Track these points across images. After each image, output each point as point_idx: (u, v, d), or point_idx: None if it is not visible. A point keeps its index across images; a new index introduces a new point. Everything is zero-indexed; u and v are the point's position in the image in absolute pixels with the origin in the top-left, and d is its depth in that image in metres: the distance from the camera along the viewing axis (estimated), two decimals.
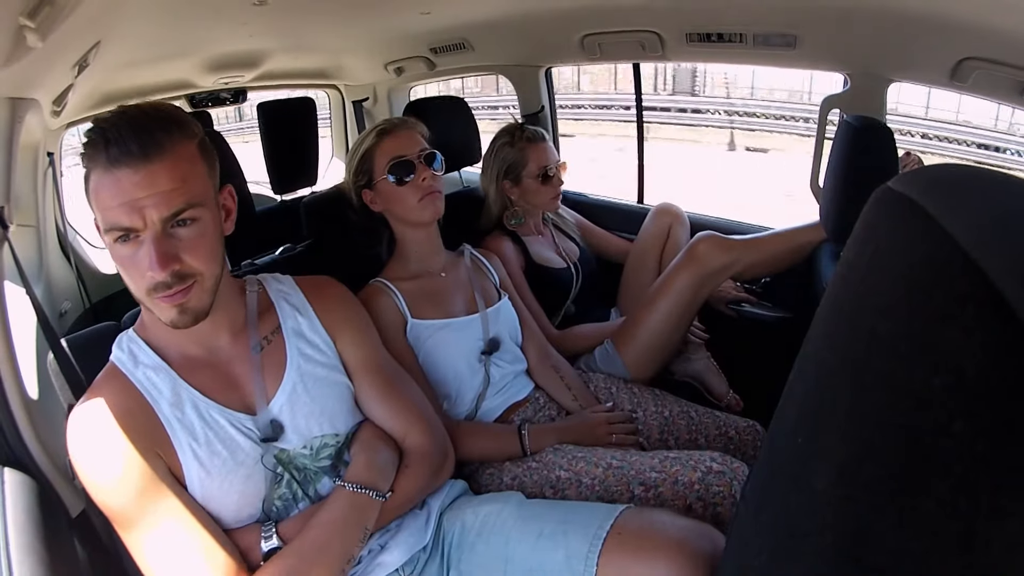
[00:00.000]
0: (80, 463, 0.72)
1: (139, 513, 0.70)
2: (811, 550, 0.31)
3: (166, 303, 0.71)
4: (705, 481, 0.94)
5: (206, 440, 0.76)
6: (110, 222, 0.67)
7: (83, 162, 0.68)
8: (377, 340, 0.95)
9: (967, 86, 1.19)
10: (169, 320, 0.72)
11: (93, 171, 0.67)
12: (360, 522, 0.78)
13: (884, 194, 0.32)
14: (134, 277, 0.70)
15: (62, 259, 1.71)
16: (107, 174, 0.65)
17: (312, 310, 0.89)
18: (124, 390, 0.75)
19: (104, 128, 0.66)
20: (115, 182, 0.65)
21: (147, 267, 0.67)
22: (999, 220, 0.27)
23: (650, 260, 1.64)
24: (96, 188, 0.67)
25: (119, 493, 0.70)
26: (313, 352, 0.86)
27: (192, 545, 0.71)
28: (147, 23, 1.30)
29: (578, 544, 0.78)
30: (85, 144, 0.67)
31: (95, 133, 0.66)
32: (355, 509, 0.78)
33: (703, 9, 1.45)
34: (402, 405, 0.90)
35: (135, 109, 0.69)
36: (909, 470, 0.25)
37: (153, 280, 0.69)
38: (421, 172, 1.17)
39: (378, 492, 0.80)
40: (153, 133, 0.66)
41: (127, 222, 0.66)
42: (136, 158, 0.65)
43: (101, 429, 0.72)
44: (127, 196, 0.65)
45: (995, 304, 0.22)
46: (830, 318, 0.35)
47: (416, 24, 1.83)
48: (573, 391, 1.28)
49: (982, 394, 0.22)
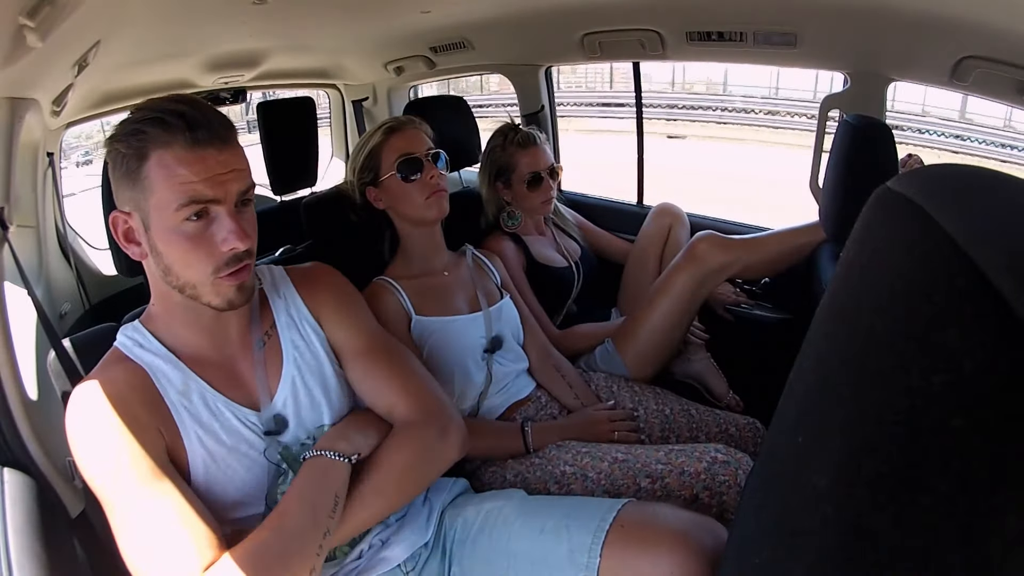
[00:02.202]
0: (75, 437, 0.70)
1: (128, 488, 0.68)
2: (812, 548, 0.31)
3: (230, 281, 0.73)
4: (711, 471, 0.95)
5: (211, 430, 0.76)
6: (191, 196, 0.70)
7: (136, 143, 0.70)
8: (364, 319, 0.92)
9: (967, 85, 1.20)
10: (227, 300, 0.74)
11: (164, 151, 0.69)
12: (324, 486, 0.74)
13: (883, 194, 0.32)
14: (199, 256, 0.72)
15: (62, 260, 1.71)
16: (190, 152, 0.70)
17: (300, 299, 0.89)
18: (130, 371, 0.75)
19: (181, 112, 0.69)
20: (200, 159, 0.70)
21: (223, 240, 0.71)
22: (997, 219, 0.27)
23: (650, 260, 1.64)
24: (170, 166, 0.70)
25: (113, 467, 0.68)
26: (304, 343, 0.86)
27: (169, 529, 0.67)
28: (147, 23, 1.30)
29: (581, 538, 0.78)
30: (149, 124, 0.69)
31: (169, 115, 0.69)
32: (316, 472, 0.75)
33: (704, 7, 1.45)
34: (386, 381, 0.87)
35: (201, 101, 0.74)
36: (908, 467, 0.25)
37: (229, 255, 0.72)
38: (429, 170, 1.18)
39: (337, 452, 0.76)
40: (227, 119, 0.73)
41: (211, 194, 0.70)
42: (220, 139, 0.71)
43: (101, 404, 0.70)
44: (212, 171, 0.70)
45: (994, 302, 0.22)
46: (830, 318, 0.35)
47: (416, 23, 1.83)
48: (575, 390, 1.28)
49: (981, 391, 0.23)
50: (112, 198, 0.76)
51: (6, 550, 0.75)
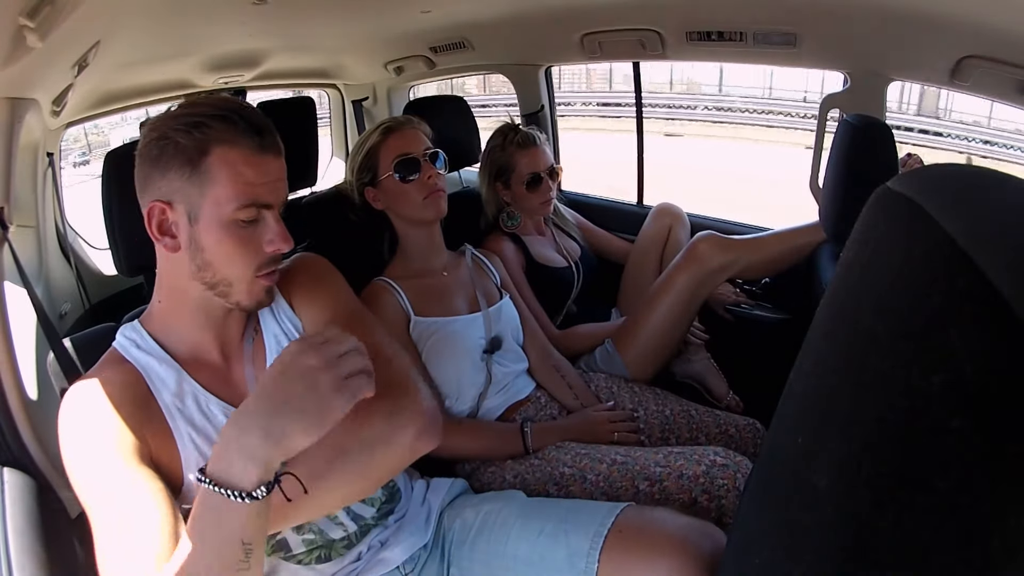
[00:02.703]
0: (63, 436, 0.68)
1: (103, 490, 0.65)
2: (812, 548, 0.31)
3: (267, 281, 0.77)
4: (710, 474, 0.95)
5: (204, 431, 0.76)
6: (252, 198, 0.72)
7: (200, 134, 0.70)
8: (334, 295, 0.87)
9: (968, 85, 1.19)
10: (256, 300, 0.77)
11: (231, 149, 0.71)
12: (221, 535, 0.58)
13: (883, 194, 0.32)
14: (245, 255, 0.74)
15: (62, 260, 1.71)
16: (257, 156, 0.73)
17: (279, 294, 0.86)
18: (125, 373, 0.75)
19: (247, 116, 0.72)
20: (264, 164, 0.74)
21: (270, 241, 0.75)
22: (997, 219, 0.27)
23: (650, 260, 1.64)
24: (235, 164, 0.71)
25: (92, 467, 0.66)
26: (285, 338, 0.84)
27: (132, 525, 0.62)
28: (147, 23, 1.30)
29: (579, 542, 0.78)
30: (215, 119, 0.71)
31: (237, 116, 0.71)
32: (209, 513, 0.58)
33: (704, 7, 1.45)
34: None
35: (252, 106, 0.78)
36: (909, 468, 0.25)
37: (275, 254, 0.76)
38: (427, 170, 1.18)
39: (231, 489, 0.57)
40: (276, 132, 0.77)
41: (268, 198, 0.74)
42: (278, 149, 0.76)
43: (92, 405, 0.69)
44: (271, 177, 0.74)
45: (993, 302, 0.22)
46: (829, 318, 0.35)
47: (416, 23, 1.83)
48: (574, 390, 1.28)
49: (981, 391, 0.23)
50: (113, 196, 0.75)
51: (6, 550, 0.75)
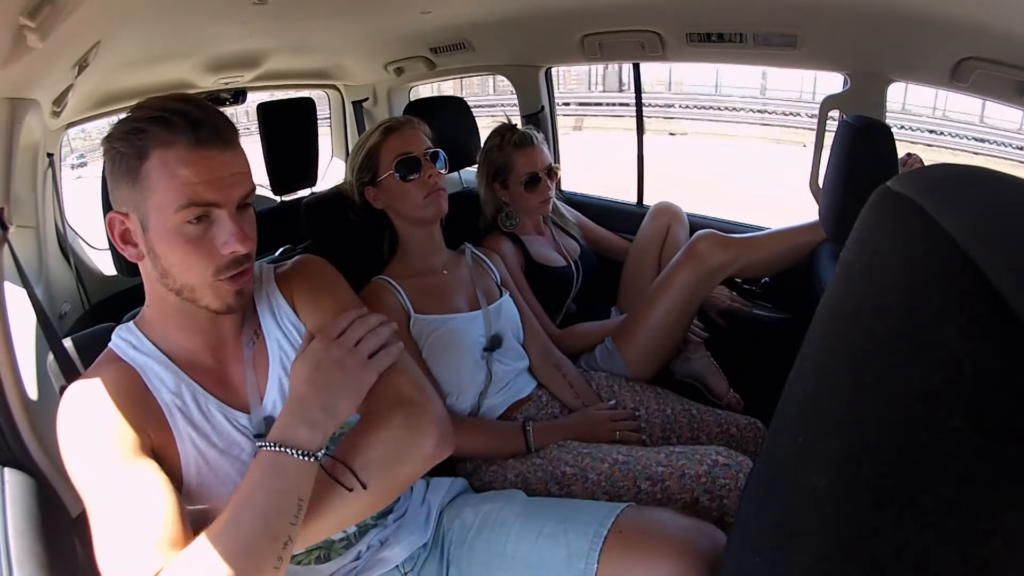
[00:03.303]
0: (62, 434, 0.68)
1: (102, 485, 0.65)
2: (812, 548, 0.31)
3: (230, 285, 0.72)
4: (711, 474, 0.95)
5: (203, 432, 0.75)
6: (191, 198, 0.67)
7: (137, 141, 0.67)
8: (338, 299, 0.86)
9: (967, 86, 1.20)
10: (226, 305, 0.73)
11: (165, 150, 0.67)
12: (281, 488, 0.64)
13: (883, 194, 0.32)
14: (200, 259, 0.70)
15: (62, 261, 1.70)
16: (193, 153, 0.67)
17: (282, 296, 0.86)
18: (122, 371, 0.74)
19: (184, 111, 0.67)
20: (203, 160, 0.68)
21: (223, 243, 0.69)
22: (997, 219, 0.27)
23: (649, 259, 1.64)
24: (171, 165, 0.67)
25: (91, 464, 0.66)
26: (289, 342, 0.84)
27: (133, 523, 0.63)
28: (147, 23, 1.30)
29: (579, 542, 0.78)
30: (151, 122, 0.67)
31: (172, 114, 0.67)
32: (270, 470, 0.64)
33: (704, 9, 1.45)
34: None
35: (203, 101, 0.71)
36: (908, 467, 0.25)
37: (229, 258, 0.70)
38: (427, 169, 1.18)
39: (297, 449, 0.65)
40: (228, 122, 0.71)
41: (211, 197, 0.68)
42: (224, 140, 0.69)
43: (89, 403, 0.69)
44: (215, 173, 0.68)
45: (993, 302, 0.22)
46: (829, 317, 0.35)
47: (416, 24, 1.83)
48: (576, 389, 1.28)
49: (980, 391, 0.23)
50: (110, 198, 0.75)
51: (6, 550, 0.75)
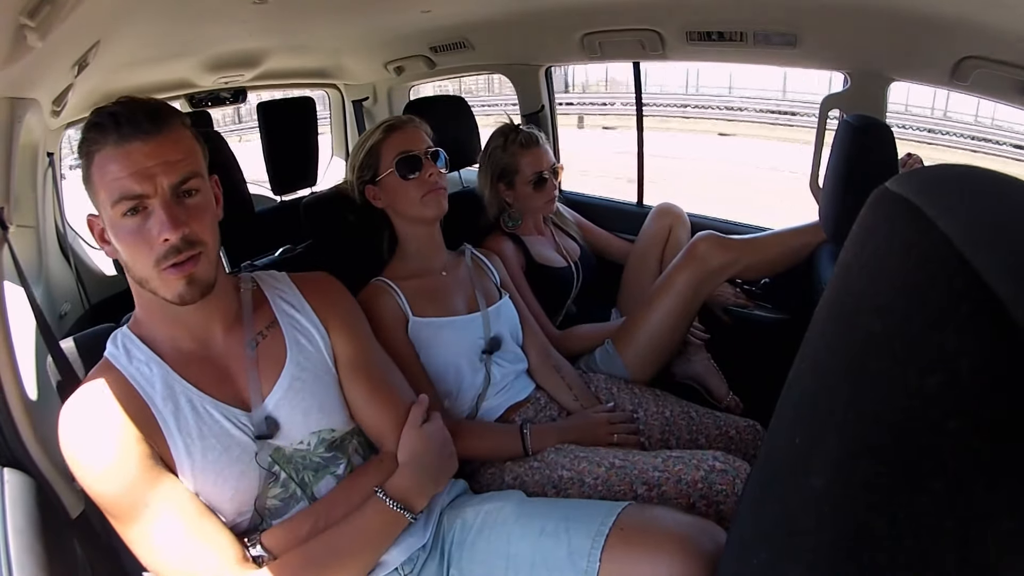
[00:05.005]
0: (72, 454, 0.72)
1: (136, 504, 0.70)
2: (810, 548, 0.31)
3: (175, 274, 0.73)
4: (708, 479, 0.95)
5: (200, 435, 0.76)
6: (121, 192, 0.70)
7: (84, 148, 0.72)
8: (369, 338, 0.94)
9: (967, 85, 1.20)
10: (177, 294, 0.74)
11: (100, 151, 0.71)
12: (386, 537, 0.80)
13: (881, 195, 0.32)
14: (142, 250, 0.72)
15: (62, 260, 1.71)
16: (117, 149, 0.70)
17: (307, 303, 0.90)
18: (116, 382, 0.75)
19: (113, 112, 0.70)
20: (126, 155, 0.70)
21: (158, 232, 0.70)
22: (994, 220, 0.27)
23: (651, 260, 1.64)
24: (103, 165, 0.71)
25: (114, 483, 0.70)
26: (309, 344, 0.87)
27: (195, 532, 0.71)
28: (147, 23, 1.30)
29: (580, 540, 0.78)
30: (90, 129, 0.71)
31: (103, 117, 0.70)
32: (384, 522, 0.80)
33: (704, 8, 1.45)
34: (383, 410, 0.89)
35: (136, 98, 0.74)
36: (905, 468, 0.25)
37: (165, 246, 0.72)
38: (427, 168, 1.18)
39: (410, 512, 0.81)
40: (159, 111, 0.73)
41: (138, 189, 0.70)
42: (146, 132, 0.70)
43: (92, 419, 0.72)
44: (138, 165, 0.70)
45: (989, 304, 0.22)
46: (828, 319, 0.35)
47: (416, 23, 1.83)
48: (574, 391, 1.27)
49: (977, 393, 0.23)
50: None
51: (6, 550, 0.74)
